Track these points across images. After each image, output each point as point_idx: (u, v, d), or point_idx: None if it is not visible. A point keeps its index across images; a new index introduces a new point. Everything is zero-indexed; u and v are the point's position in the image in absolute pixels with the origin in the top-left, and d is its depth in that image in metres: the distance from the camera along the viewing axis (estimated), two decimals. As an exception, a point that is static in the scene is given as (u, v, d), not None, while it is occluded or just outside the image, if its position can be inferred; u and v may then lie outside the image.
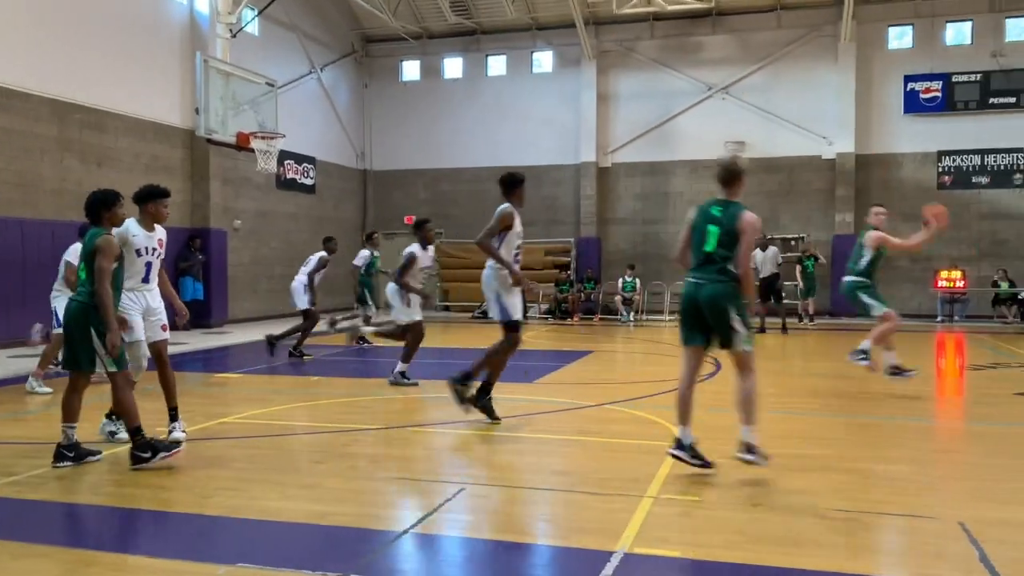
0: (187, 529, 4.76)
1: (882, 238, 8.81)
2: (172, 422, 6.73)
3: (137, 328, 6.52)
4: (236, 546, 4.42)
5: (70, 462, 5.91)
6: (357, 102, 25.20)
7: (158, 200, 6.60)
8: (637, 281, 21.41)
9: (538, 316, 21.16)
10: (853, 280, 8.94)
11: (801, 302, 19.77)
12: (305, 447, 6.84)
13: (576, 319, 21.15)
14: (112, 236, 5.95)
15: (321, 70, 23.04)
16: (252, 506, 5.03)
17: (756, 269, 17.85)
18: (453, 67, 25.02)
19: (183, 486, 5.49)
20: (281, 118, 17.72)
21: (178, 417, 6.77)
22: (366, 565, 4.12)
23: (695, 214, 5.78)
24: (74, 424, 6.00)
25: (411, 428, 7.76)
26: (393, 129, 25.22)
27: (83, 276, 5.92)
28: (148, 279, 6.66)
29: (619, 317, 20.98)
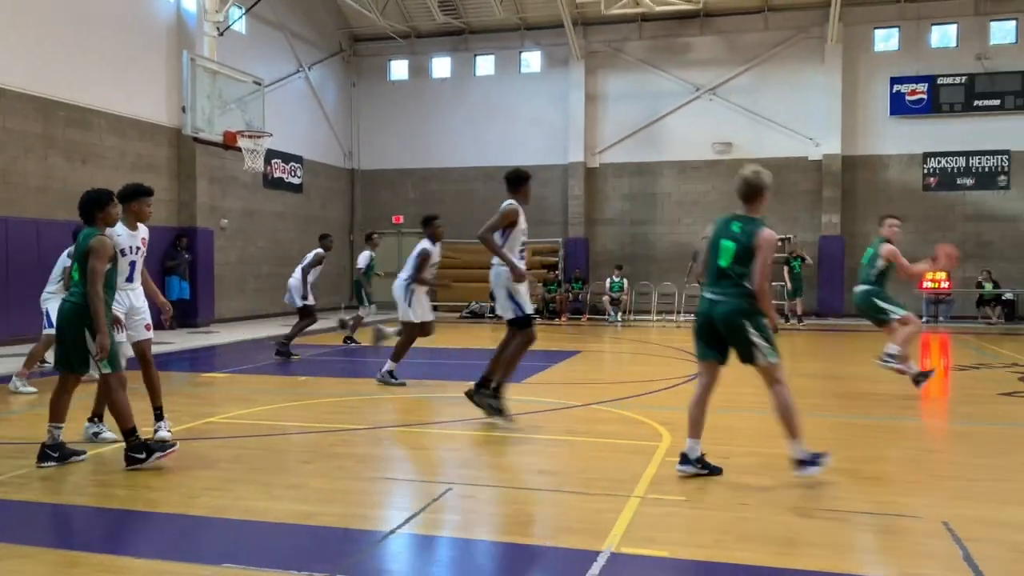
0: (172, 529, 4.74)
1: (895, 255, 8.82)
2: (157, 421, 6.71)
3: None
4: (222, 546, 4.40)
5: (54, 462, 5.88)
6: (345, 101, 25.14)
7: (141, 199, 6.56)
8: (625, 281, 21.50)
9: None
10: (868, 288, 8.95)
11: (788, 303, 19.86)
12: (292, 447, 6.82)
13: (564, 319, 21.18)
14: (106, 237, 5.89)
15: (309, 69, 22.97)
16: (238, 506, 5.01)
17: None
18: (441, 67, 25.00)
19: (169, 486, 5.46)
20: (268, 117, 17.67)
21: (163, 416, 6.75)
22: (352, 565, 4.11)
23: (713, 228, 5.69)
24: (61, 425, 5.97)
25: (399, 428, 7.75)
26: (381, 128, 25.17)
27: (76, 277, 5.87)
28: (132, 278, 6.63)
29: (607, 317, 21.02)
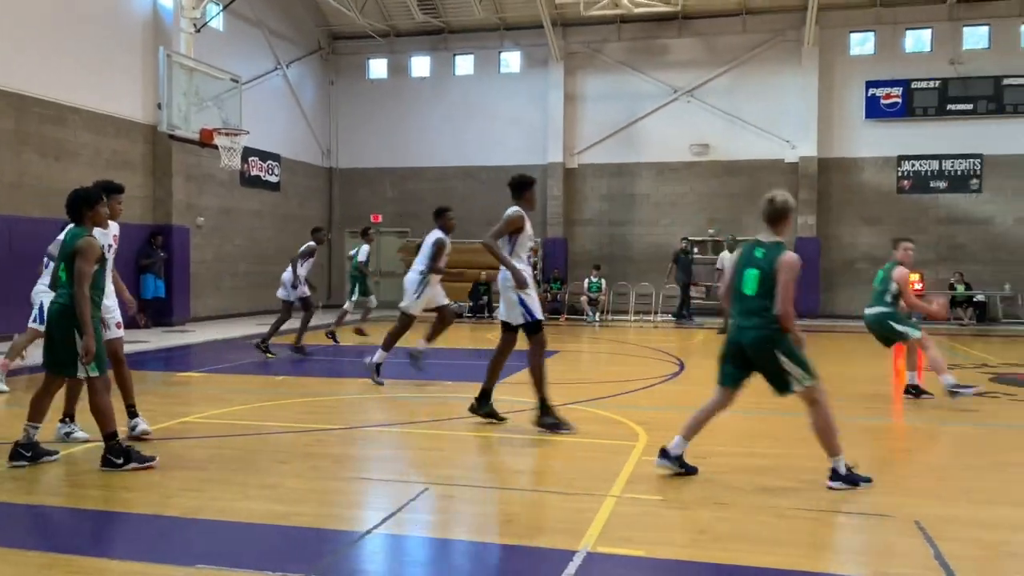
0: (147, 530, 4.70)
1: (905, 281, 8.90)
2: (132, 419, 6.67)
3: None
4: (196, 547, 4.37)
5: (26, 462, 5.81)
6: (323, 99, 25.02)
7: (112, 196, 6.50)
8: (603, 282, 21.58)
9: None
10: (884, 311, 8.99)
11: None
12: (268, 447, 6.78)
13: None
14: (94, 238, 5.81)
15: (287, 67, 22.84)
16: (213, 506, 4.98)
17: (723, 270, 18.04)
18: (420, 66, 24.95)
19: (143, 486, 5.41)
20: (245, 115, 17.56)
21: (137, 414, 6.71)
22: (328, 566, 4.10)
23: (738, 255, 5.73)
24: (38, 425, 5.91)
25: (376, 428, 7.73)
26: (359, 127, 25.07)
27: (63, 277, 5.78)
28: (103, 276, 6.57)
29: (584, 317, 21.08)
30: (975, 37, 21.39)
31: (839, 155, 21.97)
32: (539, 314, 7.28)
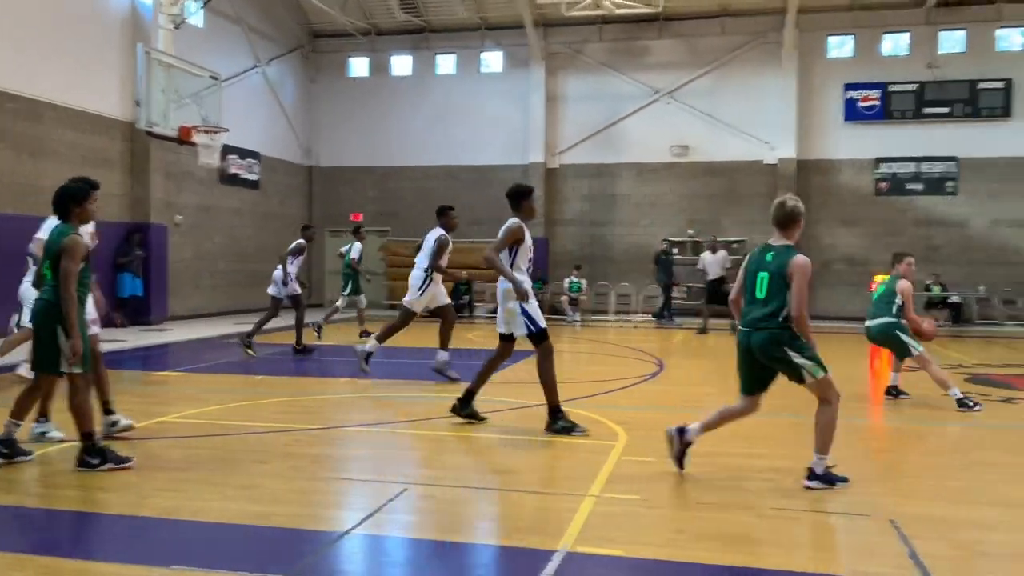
0: (123, 531, 4.66)
1: (909, 294, 8.99)
2: (108, 415, 6.62)
3: None
4: (173, 548, 4.33)
5: (2, 459, 5.74)
6: (303, 98, 24.90)
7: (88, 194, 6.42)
8: (583, 282, 21.65)
9: (485, 315, 21.15)
10: (890, 322, 9.04)
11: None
12: (246, 447, 6.74)
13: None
14: (80, 236, 5.74)
15: (267, 64, 22.71)
16: (190, 507, 4.94)
17: (704, 271, 18.14)
18: (402, 65, 24.88)
19: (119, 486, 5.37)
20: (225, 112, 17.39)
21: (114, 411, 6.67)
22: (307, 566, 4.08)
23: (748, 259, 5.75)
24: (20, 423, 5.86)
25: (355, 428, 7.71)
26: (340, 125, 24.97)
27: (48, 275, 5.71)
28: (78, 273, 6.51)
29: (565, 317, 21.11)
30: (952, 41, 21.63)
31: (818, 157, 22.14)
32: (542, 323, 7.30)
